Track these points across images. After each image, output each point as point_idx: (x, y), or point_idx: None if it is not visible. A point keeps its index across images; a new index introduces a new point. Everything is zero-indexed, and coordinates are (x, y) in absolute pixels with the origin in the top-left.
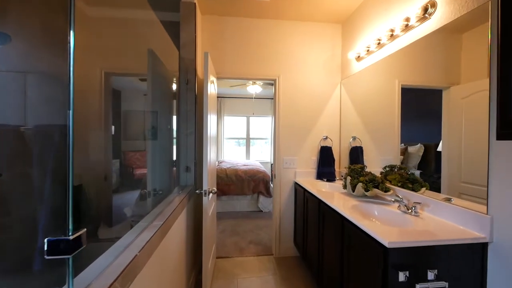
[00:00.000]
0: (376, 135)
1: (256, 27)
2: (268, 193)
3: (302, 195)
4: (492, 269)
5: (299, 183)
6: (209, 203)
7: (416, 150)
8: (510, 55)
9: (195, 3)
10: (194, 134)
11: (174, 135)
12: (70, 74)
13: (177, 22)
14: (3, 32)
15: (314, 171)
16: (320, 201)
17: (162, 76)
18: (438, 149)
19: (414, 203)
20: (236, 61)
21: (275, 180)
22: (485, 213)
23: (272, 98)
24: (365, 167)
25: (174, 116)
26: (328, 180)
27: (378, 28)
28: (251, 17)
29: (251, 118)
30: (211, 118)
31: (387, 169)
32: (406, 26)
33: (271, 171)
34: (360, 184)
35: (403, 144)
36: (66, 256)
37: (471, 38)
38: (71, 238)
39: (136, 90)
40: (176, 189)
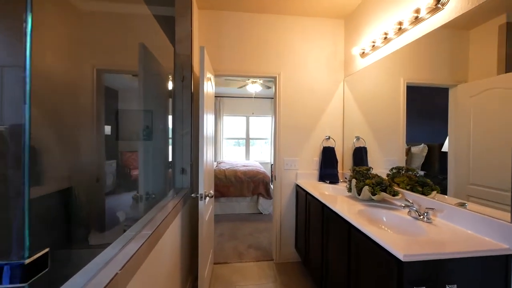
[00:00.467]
0: (381, 135)
1: (255, 22)
2: (268, 194)
3: (304, 198)
4: None
5: (301, 186)
6: (205, 207)
7: (420, 150)
8: None
9: None
10: (190, 134)
11: (170, 135)
12: (26, 61)
13: (172, 17)
14: None
15: (316, 173)
16: (323, 205)
17: (156, 73)
18: (443, 149)
19: (427, 208)
20: (235, 58)
21: (275, 182)
22: (508, 221)
23: (272, 98)
24: (371, 168)
25: (170, 116)
26: (331, 182)
27: (385, 22)
28: (250, 11)
29: (250, 118)
30: (208, 117)
31: (394, 171)
32: (416, 18)
33: (271, 172)
34: (366, 187)
35: (406, 145)
36: (19, 285)
37: (479, 35)
38: (26, 262)
39: (134, 90)
40: (171, 192)
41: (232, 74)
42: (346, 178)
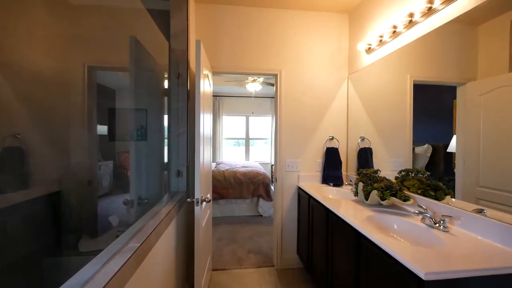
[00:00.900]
0: (386, 135)
1: (255, 17)
2: (268, 196)
3: (306, 201)
4: None
5: (303, 189)
6: (202, 212)
7: (424, 150)
8: None
9: None
10: (186, 134)
11: (166, 135)
12: None
13: (167, 11)
14: None
15: (319, 175)
16: (328, 210)
17: (150, 69)
18: (448, 149)
19: (443, 216)
20: (234, 54)
21: (276, 184)
22: None
23: (273, 97)
24: (378, 171)
25: (165, 116)
26: (335, 185)
27: (394, 14)
28: (250, 6)
29: (250, 118)
30: (205, 115)
31: (403, 173)
32: (429, 9)
33: (271, 172)
34: (374, 191)
35: None
36: None
37: (489, 30)
38: None
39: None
40: (166, 196)
41: (231, 72)
42: (351, 181)
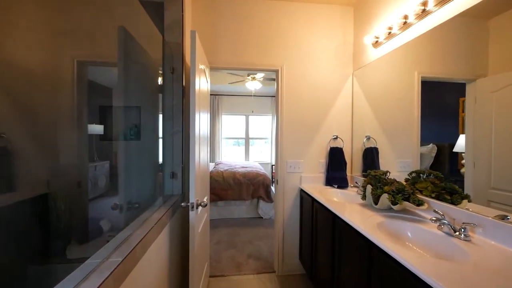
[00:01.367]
0: (393, 134)
1: (256, 9)
2: (268, 197)
3: (309, 205)
4: None
5: (306, 191)
6: (197, 218)
7: (429, 150)
8: None
9: None
10: (182, 133)
11: (160, 134)
12: None
13: (161, 3)
14: None
15: (322, 176)
16: (335, 216)
17: (143, 63)
18: (454, 149)
19: (464, 223)
20: (233, 49)
21: (277, 186)
22: None
23: (273, 96)
24: (388, 173)
25: (160, 114)
26: (339, 187)
27: (405, 3)
28: None
29: (250, 117)
30: (201, 113)
31: (414, 175)
32: None
33: (272, 173)
34: (385, 195)
35: None
36: None
37: (501, 24)
38: None
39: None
40: (159, 200)
41: (229, 67)
42: (356, 183)
